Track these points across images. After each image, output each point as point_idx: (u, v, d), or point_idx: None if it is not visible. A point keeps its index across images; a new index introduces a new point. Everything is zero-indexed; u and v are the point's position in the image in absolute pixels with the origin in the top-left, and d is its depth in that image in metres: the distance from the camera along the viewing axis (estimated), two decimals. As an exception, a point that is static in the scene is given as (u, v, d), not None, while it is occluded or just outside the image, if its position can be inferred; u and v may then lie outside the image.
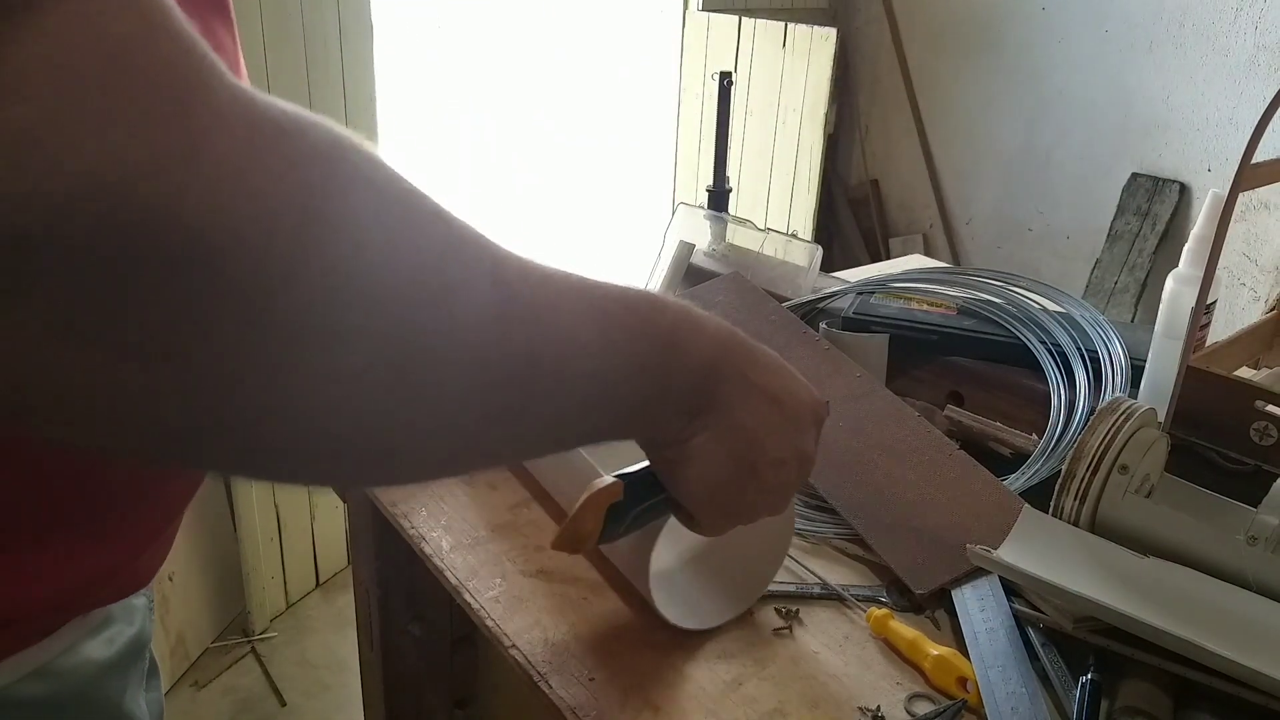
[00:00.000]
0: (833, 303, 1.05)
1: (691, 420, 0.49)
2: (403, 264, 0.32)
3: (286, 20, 1.73)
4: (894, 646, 0.66)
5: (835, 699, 0.61)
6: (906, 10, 3.20)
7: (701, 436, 0.49)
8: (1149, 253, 2.70)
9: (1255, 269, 2.55)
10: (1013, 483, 0.78)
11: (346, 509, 0.97)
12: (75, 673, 0.51)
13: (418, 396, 0.34)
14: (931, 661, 0.63)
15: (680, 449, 0.50)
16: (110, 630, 0.54)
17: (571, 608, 0.68)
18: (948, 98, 3.17)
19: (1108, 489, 0.68)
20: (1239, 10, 2.47)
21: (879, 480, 0.79)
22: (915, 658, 0.64)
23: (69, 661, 0.50)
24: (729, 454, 0.50)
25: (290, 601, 2.09)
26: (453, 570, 0.71)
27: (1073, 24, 2.81)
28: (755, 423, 0.51)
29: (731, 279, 1.05)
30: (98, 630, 0.53)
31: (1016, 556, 0.66)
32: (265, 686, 1.87)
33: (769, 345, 0.54)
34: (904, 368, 0.95)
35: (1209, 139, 2.59)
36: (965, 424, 0.86)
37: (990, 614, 0.66)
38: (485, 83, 3.65)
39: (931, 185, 3.27)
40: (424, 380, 0.33)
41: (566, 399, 0.41)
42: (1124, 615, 0.59)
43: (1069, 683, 0.61)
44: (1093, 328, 0.92)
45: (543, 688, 0.61)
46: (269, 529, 1.98)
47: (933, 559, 0.71)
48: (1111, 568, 0.65)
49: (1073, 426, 0.82)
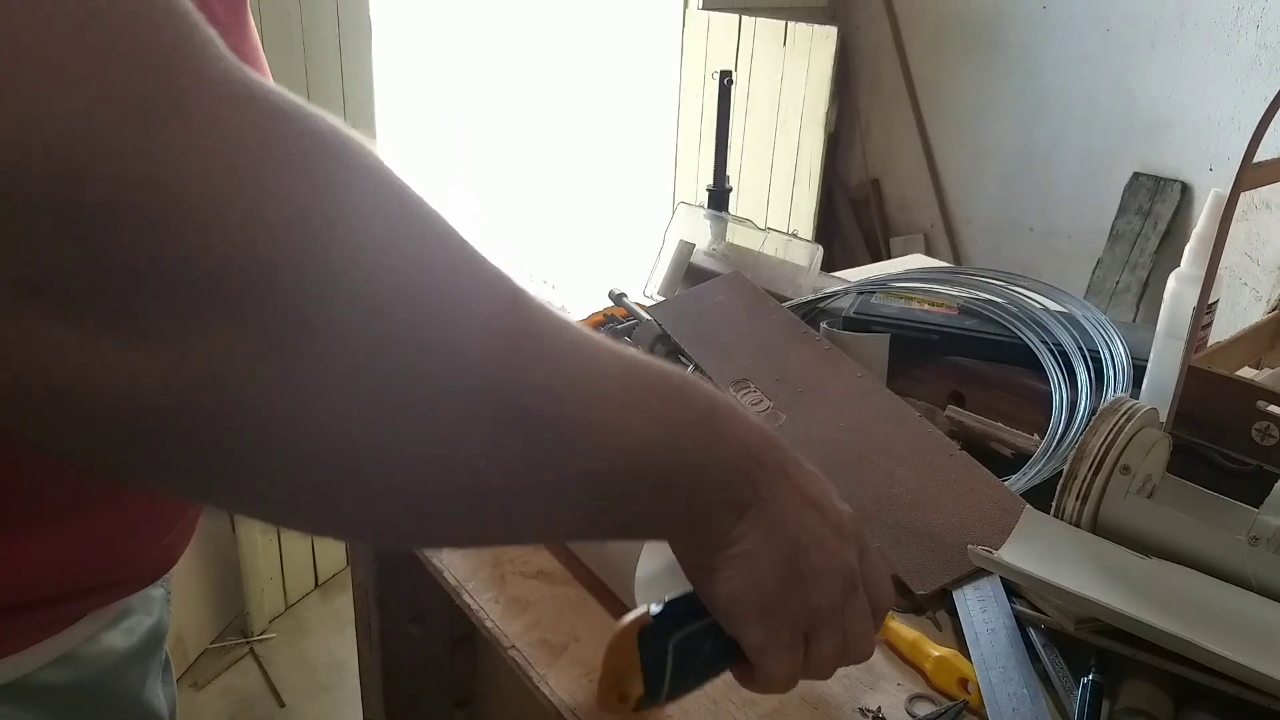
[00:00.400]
0: (833, 302, 1.05)
1: (740, 519, 0.42)
2: (410, 264, 0.30)
3: (286, 20, 1.72)
4: (895, 647, 0.65)
5: (835, 700, 0.61)
6: (907, 9, 3.19)
7: (750, 539, 0.42)
8: (1151, 252, 2.70)
9: (1257, 269, 2.55)
10: (1014, 483, 0.78)
11: (345, 509, 0.97)
12: (96, 662, 0.51)
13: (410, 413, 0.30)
14: (933, 662, 0.63)
15: (725, 554, 0.42)
16: (129, 620, 0.55)
17: (571, 608, 0.68)
18: (948, 97, 3.17)
19: (1109, 489, 0.68)
20: (1240, 10, 2.46)
21: (880, 481, 0.78)
22: (916, 659, 0.64)
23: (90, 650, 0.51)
24: (775, 556, 0.43)
25: (289, 602, 2.09)
26: (452, 571, 0.71)
27: (1074, 23, 2.80)
28: (798, 526, 0.44)
29: (731, 278, 1.05)
30: (117, 620, 0.54)
31: (1018, 557, 0.65)
32: (264, 687, 1.87)
33: (769, 345, 0.53)
34: (905, 368, 0.95)
35: (1211, 138, 2.59)
36: (966, 424, 0.86)
37: (991, 615, 0.66)
38: (485, 83, 3.65)
39: (932, 184, 3.26)
40: (418, 396, 0.30)
41: (593, 457, 0.36)
42: (1125, 616, 0.59)
43: (1070, 683, 0.61)
44: (1094, 328, 0.92)
45: (542, 688, 0.61)
46: (267, 530, 1.98)
47: (934, 560, 0.71)
48: (1113, 568, 0.65)
49: (1074, 427, 0.82)
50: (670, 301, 1.06)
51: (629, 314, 1.14)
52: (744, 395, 0.88)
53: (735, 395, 0.89)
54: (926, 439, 0.82)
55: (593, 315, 1.17)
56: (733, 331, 0.96)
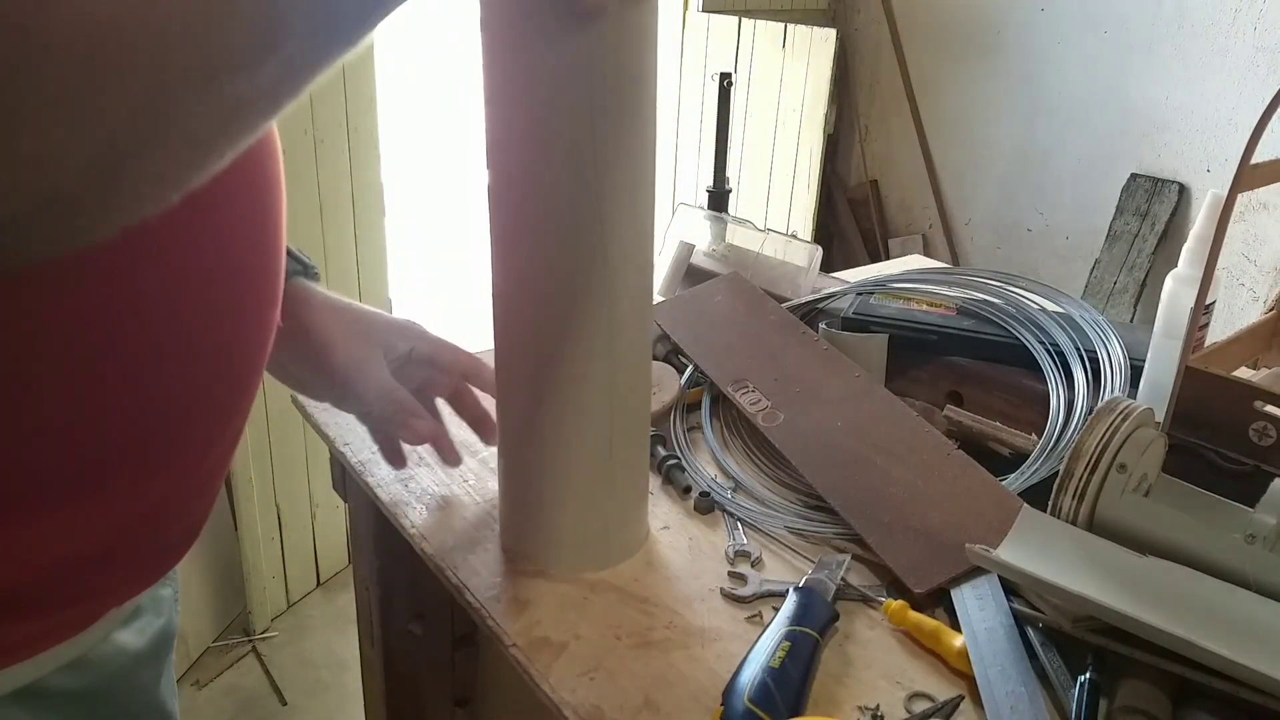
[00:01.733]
0: (832, 303, 1.05)
1: None
2: None
3: (287, 21, 1.73)
4: (914, 637, 0.66)
5: (834, 698, 0.61)
6: (906, 11, 3.20)
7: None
8: (1148, 253, 2.70)
9: (1254, 269, 2.55)
10: (1011, 482, 0.79)
11: (347, 508, 0.97)
12: (110, 663, 0.52)
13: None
14: (957, 652, 0.63)
15: None
16: (141, 620, 0.55)
17: (572, 607, 0.68)
18: (947, 98, 3.17)
19: (1106, 488, 0.68)
20: (1238, 11, 2.47)
21: (878, 480, 0.79)
22: (938, 648, 0.64)
23: (104, 651, 0.52)
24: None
25: (291, 601, 2.09)
26: (453, 569, 0.72)
27: (1072, 25, 2.81)
28: None
29: (731, 279, 1.05)
30: (129, 620, 0.54)
31: (1015, 556, 0.66)
32: (266, 686, 1.87)
33: (768, 345, 0.53)
34: (903, 368, 0.95)
35: (1208, 139, 2.59)
36: (964, 424, 0.86)
37: (989, 613, 0.66)
38: (485, 83, 3.63)
39: (931, 186, 3.27)
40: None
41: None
42: (1122, 614, 0.59)
43: (1068, 682, 0.61)
44: (1092, 328, 0.93)
45: (543, 687, 0.61)
46: (270, 528, 1.98)
47: (931, 558, 0.71)
48: (1110, 567, 0.65)
49: (1071, 426, 0.83)
50: (670, 302, 1.06)
51: (629, 314, 1.14)
52: (743, 395, 0.89)
53: (734, 394, 0.89)
54: (924, 439, 0.82)
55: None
56: (732, 332, 0.97)
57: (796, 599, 0.65)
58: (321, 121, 1.84)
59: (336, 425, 0.89)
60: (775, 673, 0.58)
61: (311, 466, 2.04)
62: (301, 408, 0.92)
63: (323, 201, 1.89)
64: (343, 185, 1.93)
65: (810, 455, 0.82)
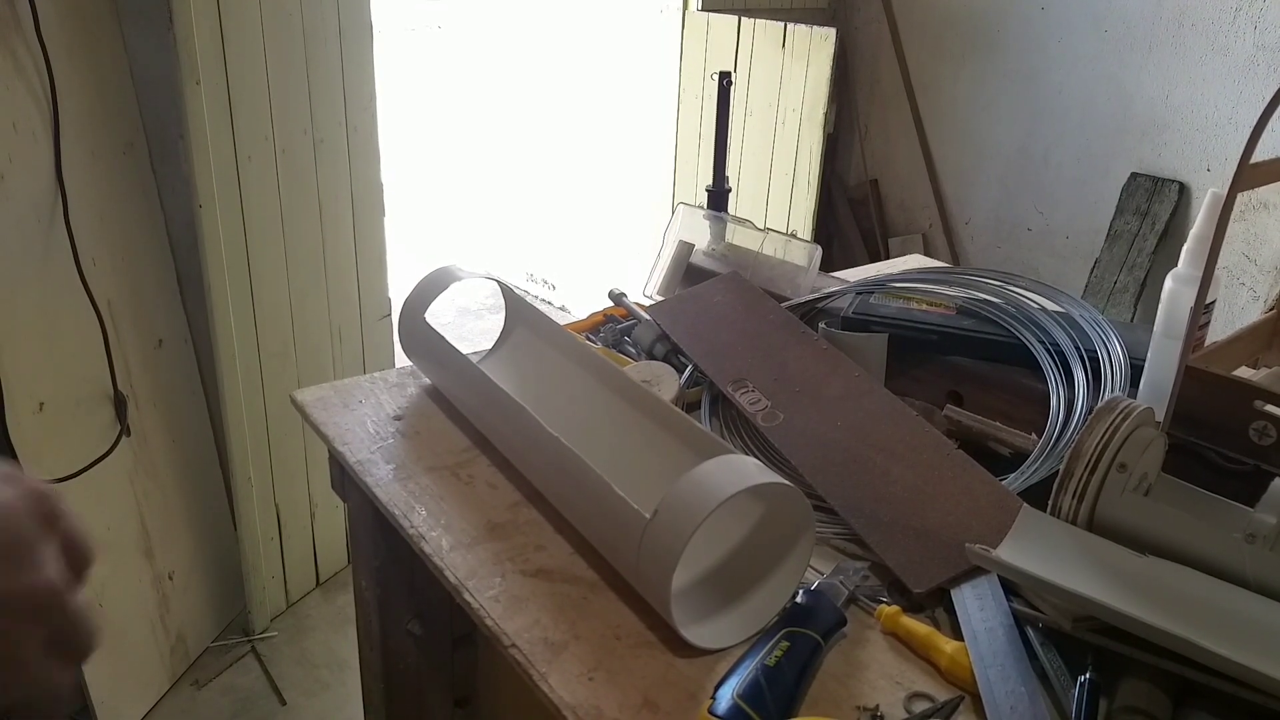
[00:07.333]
0: (832, 302, 1.05)
1: None
2: None
3: (286, 20, 1.73)
4: (905, 642, 0.66)
5: (834, 698, 0.61)
6: (906, 10, 3.20)
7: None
8: (1148, 252, 2.70)
9: (1254, 268, 2.55)
10: (1011, 482, 0.79)
11: (346, 508, 0.97)
12: None
13: None
14: (947, 658, 0.63)
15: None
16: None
17: (571, 607, 0.68)
18: (947, 98, 3.17)
19: (1106, 488, 0.68)
20: (1238, 10, 2.47)
21: (877, 480, 0.79)
22: (929, 653, 0.64)
23: None
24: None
25: (290, 601, 2.09)
26: (452, 570, 0.72)
27: (1072, 24, 2.81)
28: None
29: (731, 279, 1.05)
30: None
31: (1015, 555, 0.66)
32: (265, 686, 1.87)
33: (767, 345, 0.53)
34: (903, 367, 0.95)
35: (1208, 139, 2.59)
36: (964, 424, 0.86)
37: (989, 613, 0.66)
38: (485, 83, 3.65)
39: (931, 185, 3.27)
40: None
41: None
42: (1122, 614, 0.59)
43: (1068, 682, 0.61)
44: (1092, 327, 0.93)
45: (543, 687, 0.61)
46: (269, 528, 1.98)
47: (931, 558, 0.71)
48: (1110, 566, 0.65)
49: (1071, 426, 0.82)
50: (669, 301, 1.06)
51: (629, 314, 1.14)
52: (742, 394, 0.89)
53: (734, 394, 0.89)
54: (924, 438, 0.82)
55: (593, 315, 1.17)
56: (731, 331, 0.97)
57: (803, 600, 0.65)
58: (321, 121, 1.84)
59: (335, 425, 0.88)
60: (769, 671, 0.58)
61: (311, 466, 2.04)
62: (301, 408, 0.92)
63: (323, 201, 1.89)
64: (343, 185, 1.93)
65: (810, 455, 0.82)
